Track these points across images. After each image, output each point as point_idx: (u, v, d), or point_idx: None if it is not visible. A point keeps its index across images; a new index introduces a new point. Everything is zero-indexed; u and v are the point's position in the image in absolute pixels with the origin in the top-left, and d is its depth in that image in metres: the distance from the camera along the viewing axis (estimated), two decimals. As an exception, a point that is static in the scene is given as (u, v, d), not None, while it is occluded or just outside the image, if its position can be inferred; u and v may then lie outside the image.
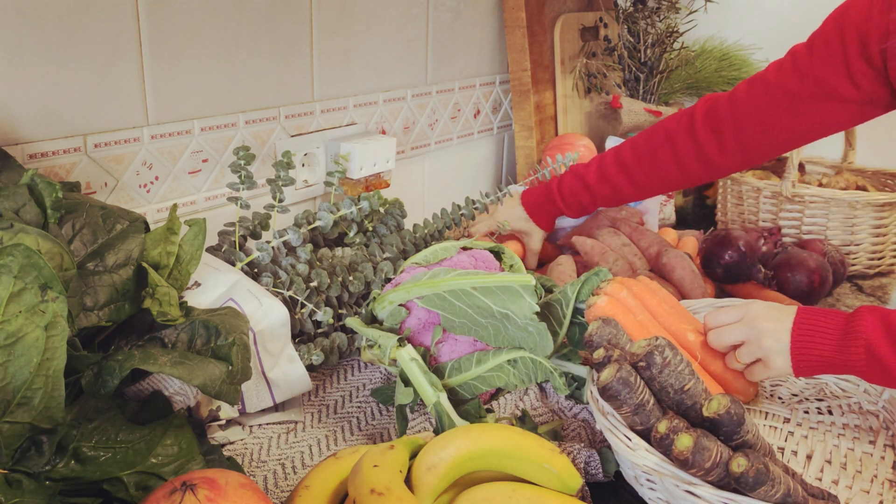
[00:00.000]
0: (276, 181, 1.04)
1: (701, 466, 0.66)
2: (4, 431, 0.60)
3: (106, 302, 0.74)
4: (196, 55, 1.02)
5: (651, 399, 0.73)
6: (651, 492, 0.75)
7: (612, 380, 0.71)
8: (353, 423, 0.93)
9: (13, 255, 0.61)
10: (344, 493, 0.72)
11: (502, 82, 1.65)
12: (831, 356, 0.82)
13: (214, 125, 1.07)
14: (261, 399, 0.89)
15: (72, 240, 0.76)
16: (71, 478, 0.64)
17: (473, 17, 1.51)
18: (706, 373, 0.91)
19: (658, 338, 0.74)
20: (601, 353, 0.76)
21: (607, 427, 0.75)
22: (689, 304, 1.04)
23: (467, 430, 0.74)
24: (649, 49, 1.70)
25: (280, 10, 1.11)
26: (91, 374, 0.68)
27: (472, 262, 0.97)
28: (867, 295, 1.37)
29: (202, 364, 0.70)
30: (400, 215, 1.20)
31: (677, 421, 0.69)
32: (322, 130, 1.24)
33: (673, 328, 0.92)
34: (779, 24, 1.92)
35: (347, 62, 1.25)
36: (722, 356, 0.90)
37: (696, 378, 0.73)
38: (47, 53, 0.86)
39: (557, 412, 0.96)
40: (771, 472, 0.64)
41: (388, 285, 0.97)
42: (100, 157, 0.95)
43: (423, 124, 1.45)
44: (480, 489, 0.71)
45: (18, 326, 0.61)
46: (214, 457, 0.74)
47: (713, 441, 0.67)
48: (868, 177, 1.58)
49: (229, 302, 0.87)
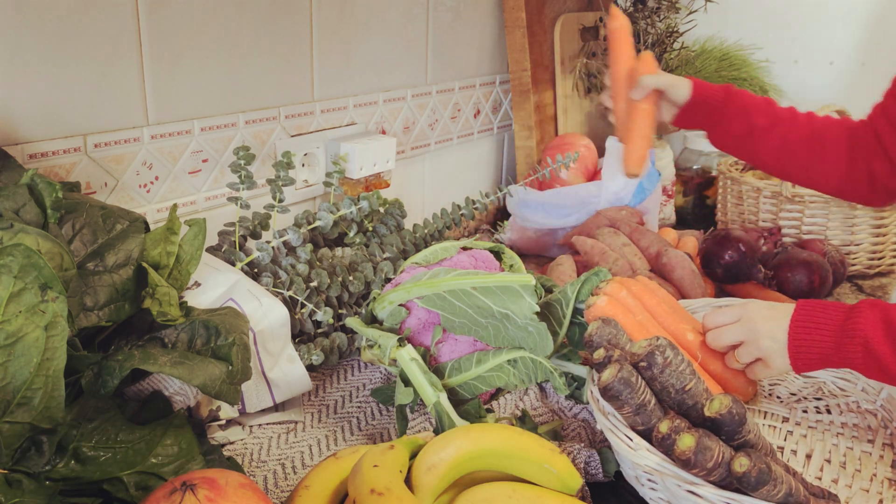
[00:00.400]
0: (276, 181, 1.04)
1: (703, 466, 0.66)
2: (4, 431, 0.60)
3: (106, 302, 0.74)
4: (196, 55, 1.02)
5: (652, 399, 0.73)
6: (652, 492, 0.75)
7: (613, 380, 0.71)
8: (353, 423, 0.93)
9: (13, 255, 0.61)
10: (344, 493, 0.72)
11: (502, 82, 1.65)
12: (828, 353, 0.81)
13: (214, 125, 1.07)
14: (261, 399, 0.89)
15: (72, 240, 0.76)
16: (71, 478, 0.64)
17: (473, 17, 1.51)
18: (706, 372, 0.91)
19: (659, 338, 0.74)
20: (601, 354, 0.76)
21: (608, 427, 0.75)
22: (687, 303, 1.04)
23: (467, 430, 0.74)
24: (649, 49, 1.70)
25: (280, 10, 1.11)
26: (91, 374, 0.68)
27: (472, 261, 0.97)
28: (867, 295, 1.37)
29: (202, 364, 0.70)
30: (400, 215, 1.20)
31: (679, 421, 0.69)
32: (322, 130, 1.24)
33: (672, 328, 0.92)
34: (779, 24, 1.92)
35: (347, 62, 1.25)
36: (721, 356, 0.90)
37: (696, 378, 0.73)
38: (47, 53, 0.86)
39: (557, 412, 0.96)
40: (773, 471, 0.64)
41: (388, 285, 0.97)
42: (100, 157, 0.95)
43: (423, 124, 1.45)
44: (480, 489, 0.71)
45: (18, 326, 0.61)
46: (214, 457, 0.74)
47: (715, 441, 0.67)
48: (868, 177, 1.57)
49: (229, 302, 0.87)
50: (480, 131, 1.63)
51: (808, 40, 1.90)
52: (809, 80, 1.90)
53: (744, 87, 1.88)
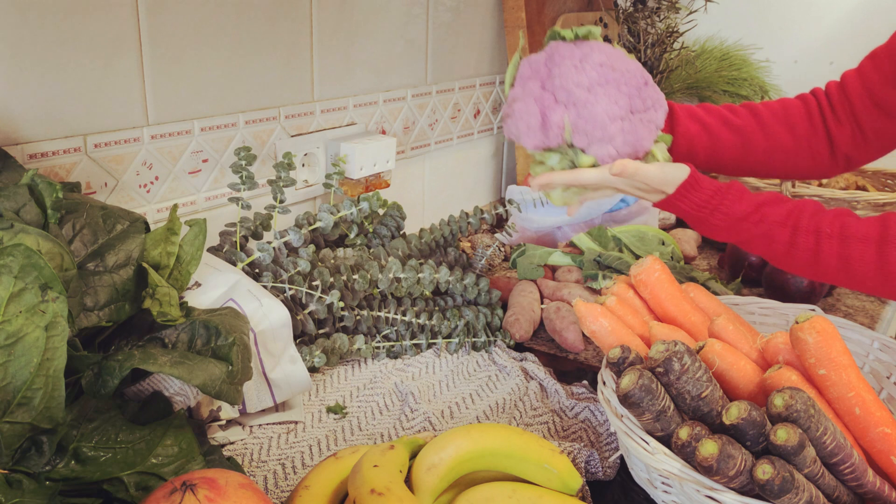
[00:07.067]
0: (276, 182, 1.04)
1: (725, 474, 0.64)
2: (5, 431, 0.60)
3: (106, 302, 0.74)
4: (196, 55, 1.02)
5: (671, 405, 0.71)
6: (665, 495, 0.74)
7: (633, 387, 0.69)
8: (353, 423, 0.93)
9: (13, 255, 0.61)
10: (344, 493, 0.72)
11: (502, 82, 1.65)
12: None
13: (214, 125, 1.07)
14: (261, 399, 0.89)
15: (72, 240, 0.76)
16: (71, 478, 0.64)
17: (473, 17, 1.51)
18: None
19: (677, 343, 0.71)
20: (617, 353, 0.75)
21: (623, 430, 0.73)
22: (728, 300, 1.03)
23: (467, 429, 0.74)
24: (649, 49, 1.70)
25: (280, 10, 1.11)
26: (91, 375, 0.68)
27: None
28: (867, 294, 1.37)
29: (202, 364, 0.70)
30: (399, 217, 1.20)
31: (699, 428, 0.68)
32: (322, 130, 1.24)
33: (680, 322, 0.89)
34: (779, 25, 1.92)
35: (347, 62, 1.25)
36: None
37: (713, 385, 0.71)
38: (47, 53, 0.87)
39: (558, 412, 0.96)
40: (796, 479, 0.63)
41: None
42: (100, 158, 0.95)
43: (423, 124, 1.45)
44: (480, 489, 0.71)
45: (19, 326, 0.61)
46: (214, 457, 0.74)
47: (738, 448, 0.65)
48: (868, 177, 1.58)
49: (230, 302, 0.87)
50: (480, 131, 1.63)
51: (808, 40, 1.90)
52: (809, 80, 1.89)
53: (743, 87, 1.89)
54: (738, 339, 0.80)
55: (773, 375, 0.74)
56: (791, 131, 1.02)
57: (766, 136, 1.02)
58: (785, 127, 1.02)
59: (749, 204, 0.88)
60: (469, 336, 1.11)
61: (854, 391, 0.72)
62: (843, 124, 1.00)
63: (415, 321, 1.08)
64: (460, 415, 0.95)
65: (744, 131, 1.02)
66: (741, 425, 0.66)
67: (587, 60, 0.86)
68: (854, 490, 0.70)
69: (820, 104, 1.03)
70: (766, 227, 0.88)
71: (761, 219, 0.88)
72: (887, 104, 0.96)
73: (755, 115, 1.03)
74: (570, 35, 0.90)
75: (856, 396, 0.72)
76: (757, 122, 1.02)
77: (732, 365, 0.75)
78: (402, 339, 1.09)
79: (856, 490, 0.70)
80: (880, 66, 0.97)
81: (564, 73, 0.86)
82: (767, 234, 0.88)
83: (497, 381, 1.04)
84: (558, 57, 0.88)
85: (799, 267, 0.88)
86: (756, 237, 0.89)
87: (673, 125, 1.01)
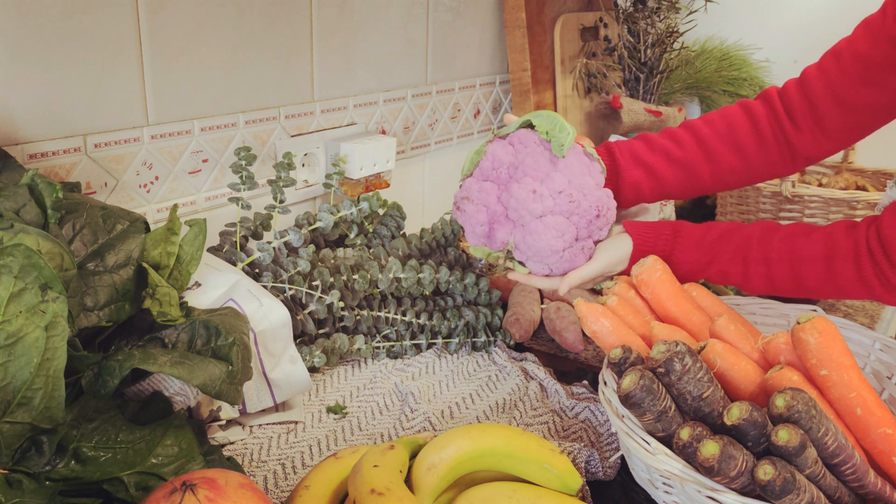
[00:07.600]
0: (276, 182, 1.04)
1: (726, 474, 0.64)
2: (5, 431, 0.60)
3: (106, 302, 0.74)
4: (196, 55, 1.02)
5: (672, 405, 0.71)
6: (666, 495, 0.74)
7: (634, 388, 0.69)
8: (353, 423, 0.93)
9: (13, 255, 0.61)
10: (344, 493, 0.72)
11: (502, 82, 1.65)
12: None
13: (214, 125, 1.07)
14: (261, 399, 0.89)
15: (72, 240, 0.76)
16: (71, 478, 0.64)
17: (473, 17, 1.51)
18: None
19: (678, 343, 0.71)
20: (619, 353, 0.75)
21: (624, 430, 0.73)
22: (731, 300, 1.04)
23: (467, 429, 0.74)
24: (649, 49, 1.70)
25: (280, 10, 1.11)
26: (91, 375, 0.68)
27: (512, 151, 0.92)
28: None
29: (202, 364, 0.70)
30: (399, 217, 1.20)
31: (700, 428, 0.68)
32: (322, 130, 1.24)
33: (682, 321, 0.89)
34: (779, 24, 1.93)
35: (347, 62, 1.25)
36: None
37: (714, 385, 0.71)
38: (47, 53, 0.86)
39: (558, 412, 0.96)
40: (797, 480, 0.63)
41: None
42: (100, 158, 0.95)
43: (423, 124, 1.45)
44: (481, 489, 0.71)
45: (19, 326, 0.61)
46: (214, 457, 0.74)
47: (739, 449, 0.65)
48: (868, 177, 1.58)
49: (230, 302, 0.87)
50: (481, 131, 1.63)
51: (808, 40, 1.90)
52: (809, 80, 1.90)
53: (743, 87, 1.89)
54: (739, 339, 0.80)
55: (775, 376, 0.74)
56: (738, 152, 0.99)
57: (711, 163, 1.00)
58: (731, 149, 0.99)
59: (696, 249, 0.93)
60: (469, 336, 1.11)
61: (855, 392, 0.72)
62: (804, 130, 0.97)
63: (415, 321, 1.08)
64: (460, 415, 0.95)
65: (686, 163, 1.00)
66: (742, 426, 0.66)
67: (548, 183, 0.87)
68: (855, 491, 0.70)
69: (776, 113, 0.99)
70: (720, 266, 0.92)
71: (712, 260, 0.92)
72: (851, 102, 0.94)
73: (699, 142, 1.00)
74: (543, 131, 0.89)
75: (857, 397, 0.72)
76: (701, 149, 1.00)
77: (734, 365, 0.75)
78: (402, 339, 1.08)
79: (857, 491, 0.70)
80: (844, 66, 0.93)
81: (521, 197, 0.87)
82: (723, 271, 0.92)
83: (497, 382, 1.04)
84: (521, 171, 0.88)
85: (760, 291, 0.93)
86: (714, 276, 0.94)
87: (617, 179, 0.99)
